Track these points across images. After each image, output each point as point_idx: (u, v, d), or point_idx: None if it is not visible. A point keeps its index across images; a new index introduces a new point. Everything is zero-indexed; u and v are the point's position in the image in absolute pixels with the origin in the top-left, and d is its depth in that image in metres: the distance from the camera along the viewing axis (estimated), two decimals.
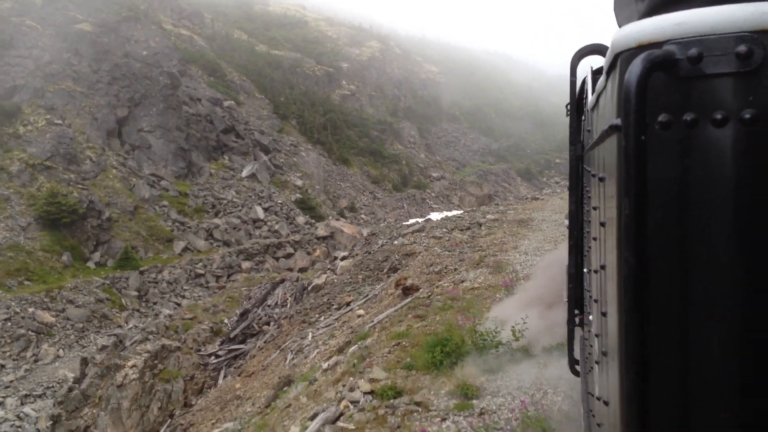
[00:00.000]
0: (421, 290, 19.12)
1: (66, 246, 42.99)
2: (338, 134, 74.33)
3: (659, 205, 1.25)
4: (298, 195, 57.82)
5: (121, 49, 55.29)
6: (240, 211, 52.35)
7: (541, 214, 36.19)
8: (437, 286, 18.44)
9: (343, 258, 32.31)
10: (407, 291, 19.76)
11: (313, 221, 55.47)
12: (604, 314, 2.07)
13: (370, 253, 27.57)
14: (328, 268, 32.58)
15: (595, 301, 2.83)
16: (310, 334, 21.99)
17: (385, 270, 24.19)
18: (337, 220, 58.64)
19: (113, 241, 44.90)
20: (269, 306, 27.35)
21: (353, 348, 13.84)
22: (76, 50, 52.89)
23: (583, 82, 4.99)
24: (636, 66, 1.20)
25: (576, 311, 5.82)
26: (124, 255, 44.06)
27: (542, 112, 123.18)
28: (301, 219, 54.86)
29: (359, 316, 20.54)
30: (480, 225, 29.64)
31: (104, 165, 48.39)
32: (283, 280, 29.65)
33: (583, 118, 5.17)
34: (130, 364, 23.48)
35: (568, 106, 5.68)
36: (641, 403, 1.25)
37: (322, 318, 23.05)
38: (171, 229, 48.35)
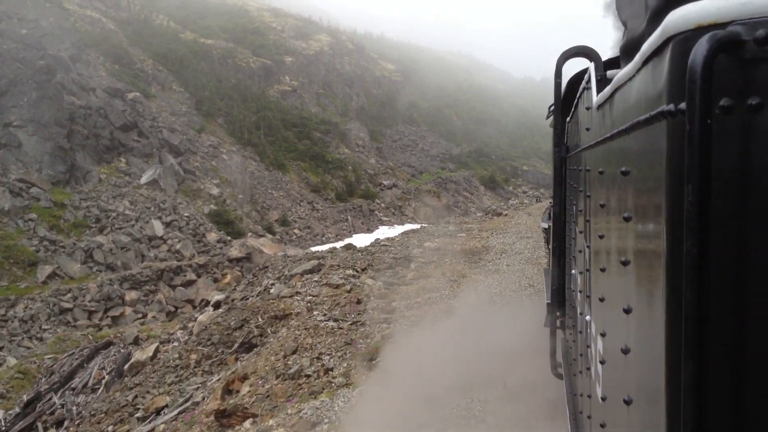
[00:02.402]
0: (245, 423, 9.54)
1: None
2: (273, 135, 64.31)
3: (720, 193, 1.20)
4: (212, 206, 47.64)
5: None
6: (133, 226, 42.03)
7: (502, 239, 26.77)
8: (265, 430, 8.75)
9: (216, 304, 22.43)
10: (225, 419, 10.11)
11: (229, 239, 45.38)
12: (627, 311, 1.95)
13: (235, 307, 17.66)
14: (195, 318, 22.65)
15: (601, 300, 2.76)
16: None
17: (235, 347, 14.40)
18: (261, 236, 48.66)
19: None
20: (73, 390, 17.33)
21: None
22: None
23: (575, 81, 5.34)
24: (702, 46, 1.15)
25: (557, 314, 5.97)
26: None
27: (508, 116, 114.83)
28: (212, 236, 44.72)
29: None
30: (409, 261, 20.02)
31: None
32: (109, 344, 19.65)
33: (569, 119, 5.46)
34: None
35: (551, 108, 6.04)
36: (699, 397, 1.20)
37: None
38: (36, 249, 37.87)
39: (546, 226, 13.80)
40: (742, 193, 1.19)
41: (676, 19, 1.29)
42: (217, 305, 22.43)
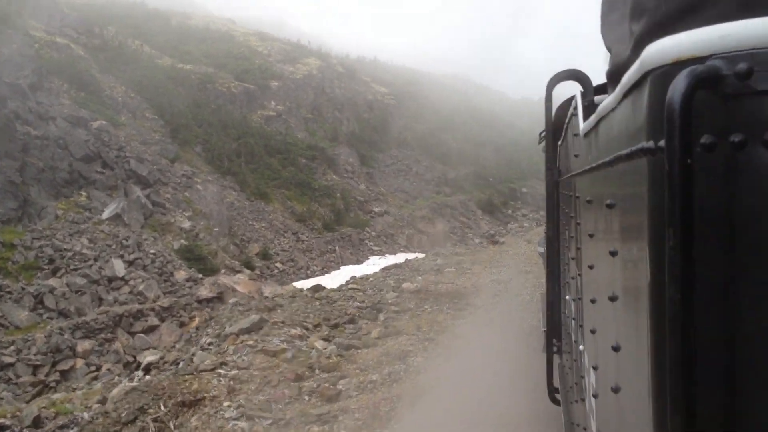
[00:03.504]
0: None
1: None
2: (256, 162, 60.55)
3: (703, 236, 1.15)
4: (183, 241, 43.58)
5: None
6: (91, 266, 37.95)
7: (497, 274, 22.55)
8: None
9: (147, 367, 18.29)
10: None
11: (201, 276, 41.26)
12: (615, 348, 1.91)
13: (135, 388, 13.52)
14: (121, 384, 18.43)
15: (592, 332, 2.72)
16: None
17: None
18: (238, 272, 44.56)
19: None
20: None
21: None
22: None
23: (564, 107, 5.20)
24: (680, 82, 1.11)
25: (554, 340, 5.79)
26: None
27: (506, 137, 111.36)
28: (181, 274, 40.59)
29: None
30: (378, 311, 15.92)
31: None
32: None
33: (560, 143, 5.37)
34: None
35: (542, 134, 6.10)
36: None
37: None
38: None
39: (542, 250, 12.72)
40: (727, 236, 1.13)
41: (654, 53, 1.25)
42: (147, 369, 18.28)
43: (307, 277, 50.51)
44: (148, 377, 16.74)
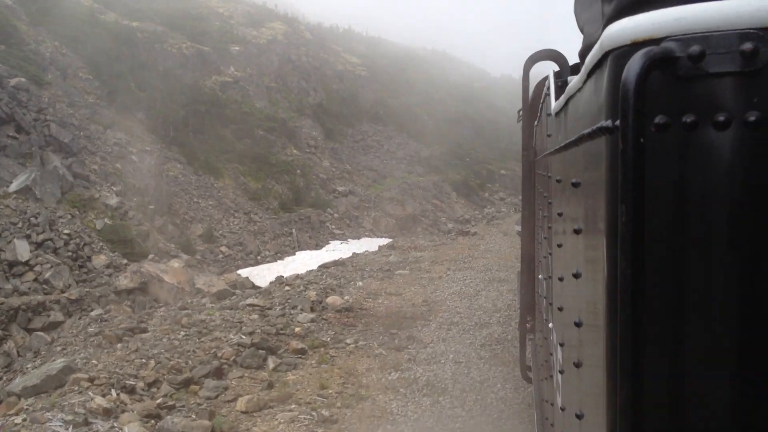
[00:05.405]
0: None
1: None
2: (206, 133, 54.43)
3: (655, 213, 1.19)
4: (107, 220, 37.62)
5: None
6: None
7: (460, 282, 16.98)
8: None
9: None
10: None
11: (125, 262, 35.41)
12: (578, 324, 1.97)
13: None
14: None
15: (560, 309, 2.77)
16: None
17: None
18: (174, 257, 38.78)
19: None
20: None
21: None
22: None
23: (540, 86, 5.14)
24: (635, 63, 1.14)
25: (528, 318, 6.15)
26: None
27: (484, 116, 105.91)
28: (100, 259, 34.67)
29: None
30: (269, 351, 10.43)
31: None
32: None
33: (536, 123, 5.39)
34: None
35: (520, 112, 6.23)
36: (635, 419, 1.18)
37: None
38: None
39: (519, 228, 11.18)
40: (677, 213, 1.18)
41: (613, 33, 1.27)
42: None
43: (257, 263, 45.06)
44: None
